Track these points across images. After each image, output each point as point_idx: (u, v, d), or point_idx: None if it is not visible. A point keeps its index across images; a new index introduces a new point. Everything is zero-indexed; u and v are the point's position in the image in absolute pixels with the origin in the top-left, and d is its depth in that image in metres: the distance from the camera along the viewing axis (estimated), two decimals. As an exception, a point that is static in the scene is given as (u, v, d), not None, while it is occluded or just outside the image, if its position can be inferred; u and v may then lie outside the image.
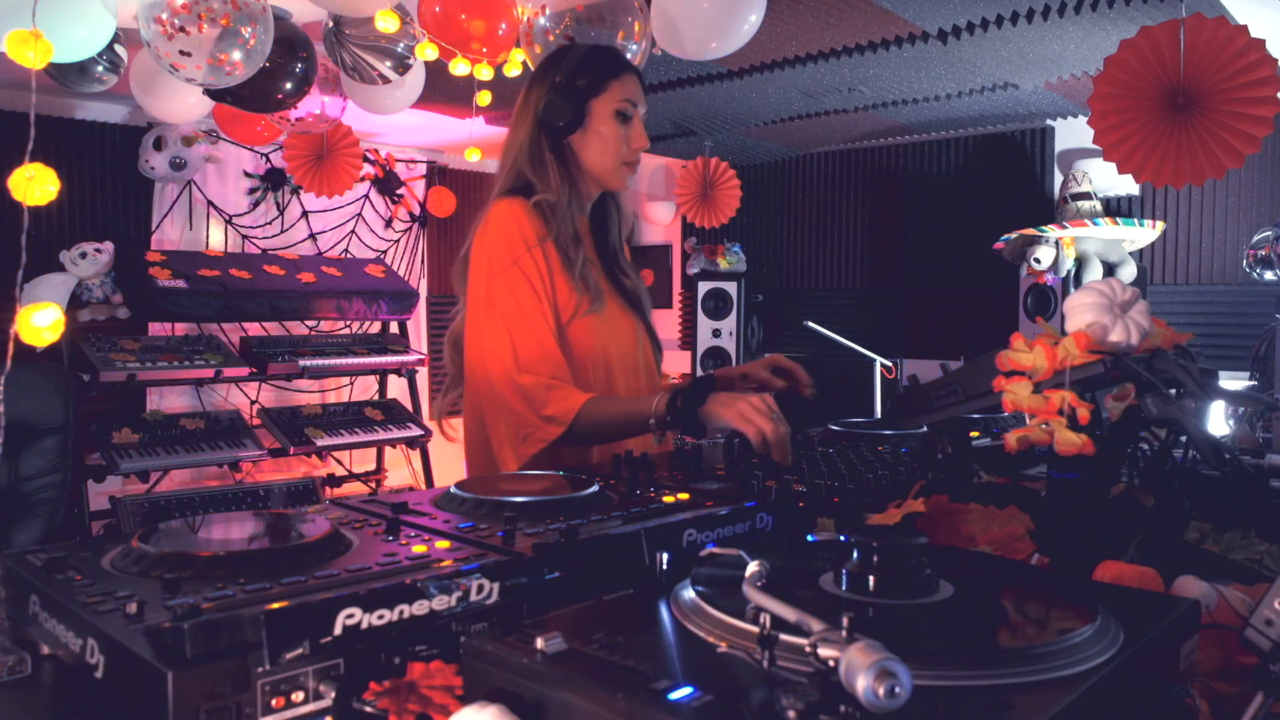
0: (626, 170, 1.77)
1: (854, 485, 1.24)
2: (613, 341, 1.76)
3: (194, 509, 3.96)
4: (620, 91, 1.73)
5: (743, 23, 2.69)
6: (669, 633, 0.69)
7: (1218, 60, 2.21)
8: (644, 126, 1.78)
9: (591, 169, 1.75)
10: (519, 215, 1.67)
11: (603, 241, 1.85)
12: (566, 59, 1.76)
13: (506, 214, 1.67)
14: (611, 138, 1.73)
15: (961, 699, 0.56)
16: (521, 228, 1.66)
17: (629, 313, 1.83)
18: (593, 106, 1.72)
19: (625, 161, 1.76)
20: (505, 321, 1.63)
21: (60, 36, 2.39)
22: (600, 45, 1.90)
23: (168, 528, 0.97)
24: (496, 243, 1.66)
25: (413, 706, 0.68)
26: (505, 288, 1.64)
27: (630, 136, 1.75)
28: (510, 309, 1.63)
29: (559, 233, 1.69)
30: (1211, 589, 0.85)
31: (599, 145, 1.73)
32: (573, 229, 1.72)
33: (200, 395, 4.73)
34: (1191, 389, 1.03)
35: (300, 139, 4.11)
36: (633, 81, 1.76)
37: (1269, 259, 3.46)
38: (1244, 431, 1.98)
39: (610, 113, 1.73)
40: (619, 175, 1.77)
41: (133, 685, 0.68)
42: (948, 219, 5.07)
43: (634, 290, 1.85)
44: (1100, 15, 2.98)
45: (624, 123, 1.74)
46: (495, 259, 1.65)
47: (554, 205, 1.70)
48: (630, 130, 1.75)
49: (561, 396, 1.58)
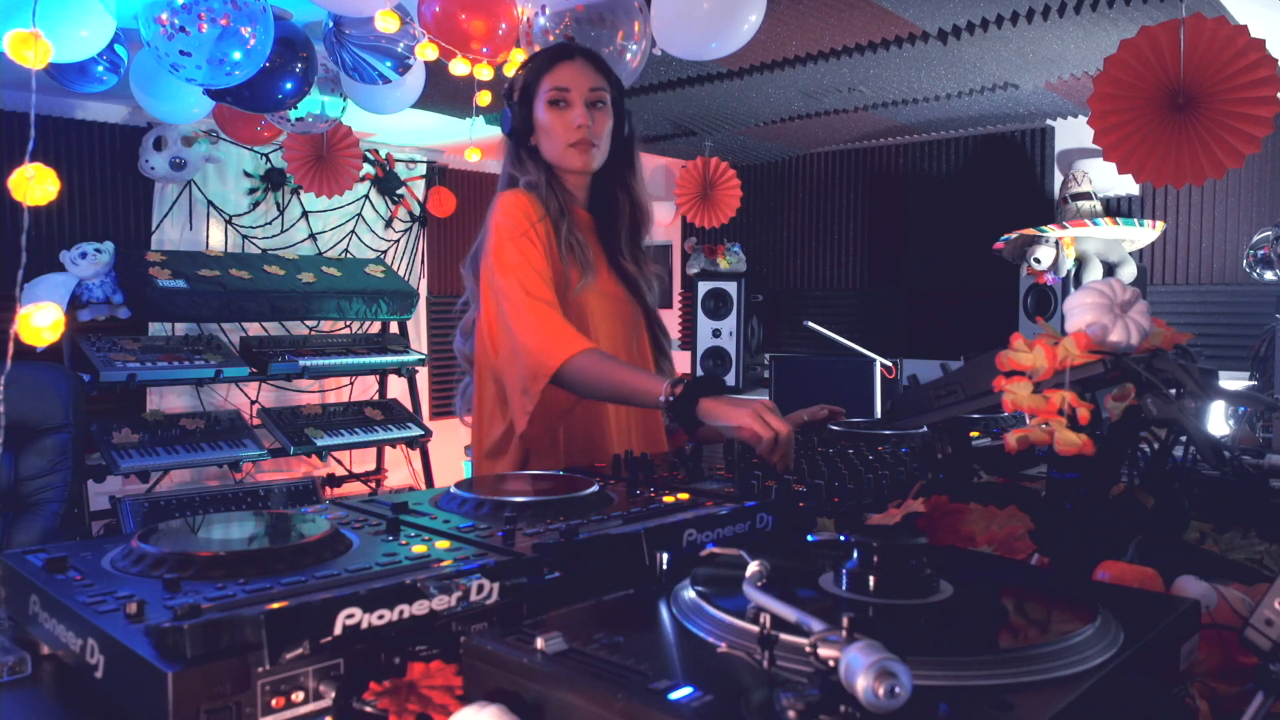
0: (575, 151, 1.82)
1: (854, 485, 1.24)
2: (604, 320, 1.83)
3: (194, 509, 3.96)
4: (549, 83, 1.82)
5: (743, 23, 2.69)
6: (669, 633, 0.69)
7: (1218, 60, 2.21)
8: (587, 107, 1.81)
9: (550, 159, 1.85)
10: (520, 198, 1.79)
11: (606, 230, 1.91)
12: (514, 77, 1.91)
13: (510, 199, 1.79)
14: (550, 126, 1.82)
15: (961, 699, 0.56)
16: (524, 208, 1.77)
17: (627, 296, 1.90)
18: (534, 106, 1.84)
19: (569, 143, 1.82)
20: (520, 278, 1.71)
21: (60, 36, 2.39)
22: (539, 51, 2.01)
23: (168, 528, 0.97)
24: (504, 222, 1.76)
25: (413, 706, 0.68)
26: (517, 254, 1.73)
27: (568, 118, 1.81)
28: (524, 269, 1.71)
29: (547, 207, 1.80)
30: (1211, 589, 0.85)
31: (545, 138, 1.84)
32: (558, 205, 1.82)
33: (200, 395, 4.73)
34: (1191, 389, 1.03)
35: (300, 139, 4.11)
36: (565, 69, 1.83)
37: (1269, 259, 3.46)
38: (1244, 431, 1.98)
39: (544, 105, 1.82)
40: (569, 157, 1.83)
41: (133, 685, 0.68)
42: (948, 219, 5.07)
43: (634, 276, 1.91)
44: (1100, 15, 2.98)
45: (561, 108, 1.82)
46: (505, 233, 1.75)
47: (535, 184, 1.82)
48: (567, 113, 1.81)
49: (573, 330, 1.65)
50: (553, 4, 2.74)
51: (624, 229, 1.92)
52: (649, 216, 1.95)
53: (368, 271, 5.04)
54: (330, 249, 5.37)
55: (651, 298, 1.95)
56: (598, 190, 1.92)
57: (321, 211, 5.29)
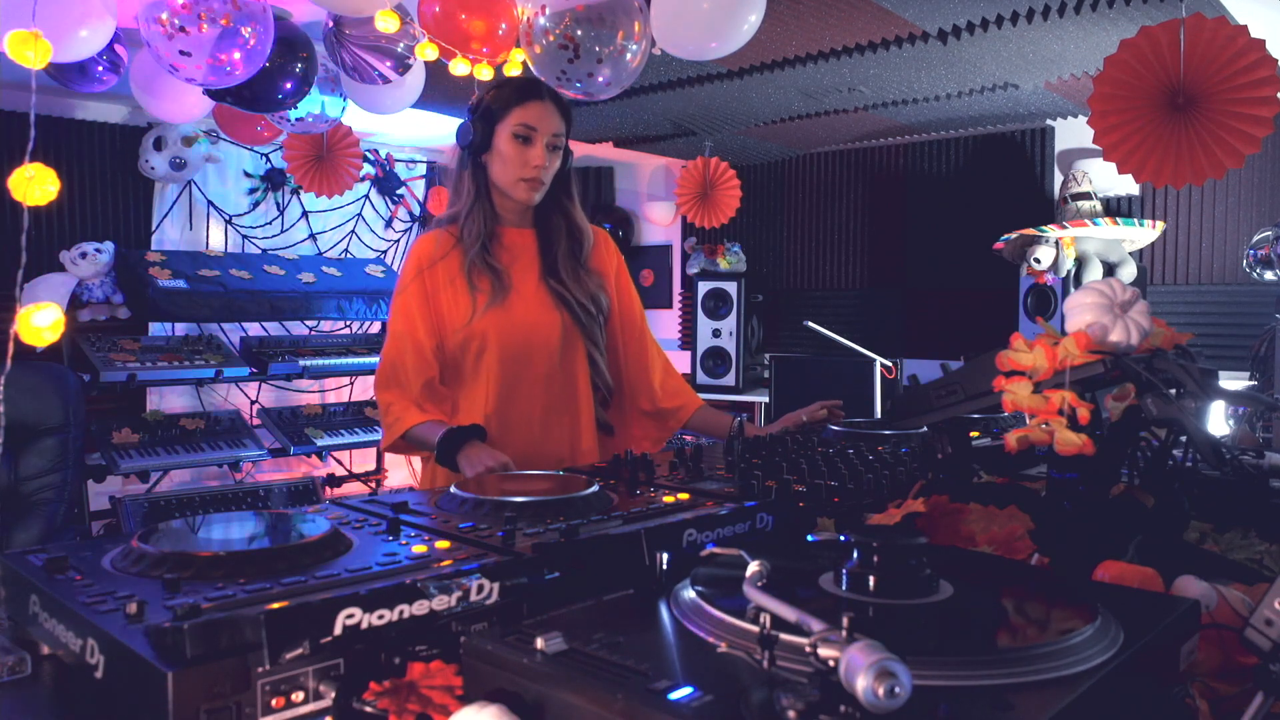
0: (525, 185, 1.96)
1: (854, 485, 1.24)
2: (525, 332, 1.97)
3: (194, 509, 3.96)
4: (519, 116, 1.94)
5: (743, 23, 2.69)
6: (669, 633, 0.69)
7: (1218, 60, 2.21)
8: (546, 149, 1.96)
9: (497, 182, 1.98)
10: (424, 244, 1.99)
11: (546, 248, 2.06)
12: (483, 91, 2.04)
13: (415, 247, 2.00)
14: (510, 156, 1.95)
15: (961, 699, 0.56)
16: (420, 255, 1.97)
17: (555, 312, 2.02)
18: (497, 130, 1.95)
19: (521, 178, 1.95)
20: (390, 336, 1.94)
21: (60, 36, 2.39)
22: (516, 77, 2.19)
23: (168, 528, 0.97)
24: (403, 271, 1.99)
25: (413, 706, 0.68)
26: (395, 311, 1.96)
27: (528, 156, 1.94)
28: (396, 324, 1.94)
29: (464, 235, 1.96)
30: (1211, 589, 0.85)
31: (500, 163, 1.96)
32: (480, 228, 1.97)
33: (200, 395, 4.73)
34: (1191, 389, 1.03)
35: (300, 139, 4.11)
36: (536, 108, 1.95)
37: (1269, 259, 3.46)
38: (1244, 431, 1.98)
39: (509, 135, 1.94)
40: (518, 189, 1.97)
41: (133, 685, 0.68)
42: (948, 219, 5.07)
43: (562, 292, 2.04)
44: (1100, 15, 2.98)
45: (523, 144, 1.94)
46: (399, 283, 1.98)
47: (458, 213, 1.99)
48: (528, 150, 1.94)
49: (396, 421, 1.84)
50: (553, 4, 2.73)
51: (561, 248, 2.05)
52: (587, 236, 2.09)
53: (368, 271, 5.04)
54: (330, 249, 5.37)
55: (587, 316, 2.04)
56: (540, 212, 2.06)
57: (321, 211, 5.29)
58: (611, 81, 2.81)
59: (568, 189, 2.07)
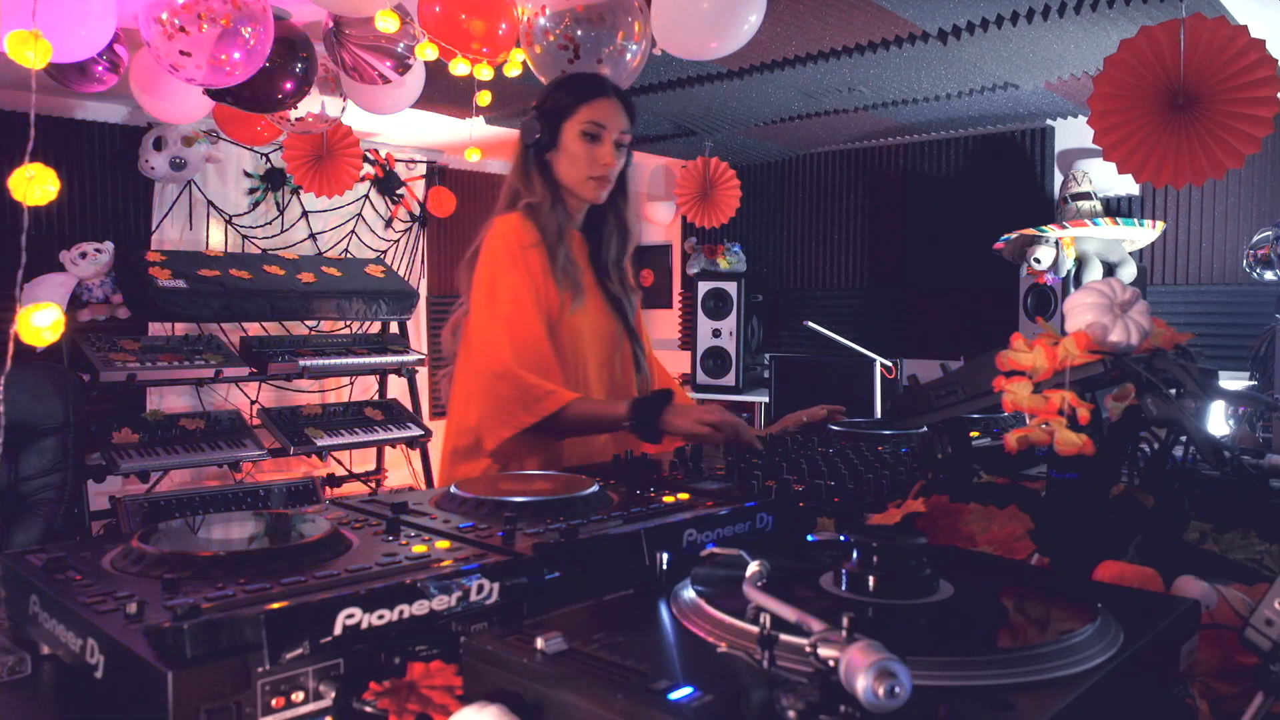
0: (594, 184, 1.93)
1: (854, 485, 1.24)
2: (593, 339, 1.94)
3: (194, 509, 3.96)
4: (588, 114, 1.90)
5: (743, 23, 2.69)
6: (669, 633, 0.69)
7: (1218, 60, 2.21)
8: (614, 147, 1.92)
9: (564, 182, 1.93)
10: (515, 225, 1.88)
11: (596, 250, 2.03)
12: (548, 87, 2.00)
13: (505, 225, 1.89)
14: (578, 154, 1.91)
15: (961, 699, 0.56)
16: (519, 235, 1.87)
17: (612, 316, 2.01)
18: (564, 127, 1.91)
19: (590, 176, 1.92)
20: (505, 317, 1.80)
21: (60, 36, 2.39)
22: (583, 74, 2.12)
23: (168, 528, 0.97)
24: (498, 248, 1.85)
25: (413, 706, 0.68)
26: (507, 285, 1.83)
27: (596, 154, 1.90)
28: (510, 305, 1.81)
29: (545, 232, 1.89)
30: (1211, 589, 0.85)
31: (567, 161, 1.92)
32: (557, 228, 1.91)
33: (200, 395, 4.73)
34: (1191, 389, 1.03)
35: (300, 139, 4.11)
36: (605, 105, 1.92)
37: (1269, 259, 3.46)
38: (1244, 431, 1.98)
39: (577, 132, 1.90)
40: (587, 188, 1.93)
41: (133, 685, 0.68)
42: (948, 219, 5.07)
43: (619, 296, 2.03)
44: (1100, 15, 2.98)
45: (591, 141, 1.90)
46: (499, 261, 1.85)
47: (537, 207, 1.90)
48: (597, 149, 1.90)
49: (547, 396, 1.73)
50: (553, 4, 2.73)
51: (611, 251, 2.04)
52: (635, 240, 2.08)
53: (368, 271, 5.03)
54: (330, 249, 5.37)
55: (633, 318, 2.06)
56: (591, 213, 2.02)
57: (321, 211, 5.29)
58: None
59: (624, 188, 2.03)
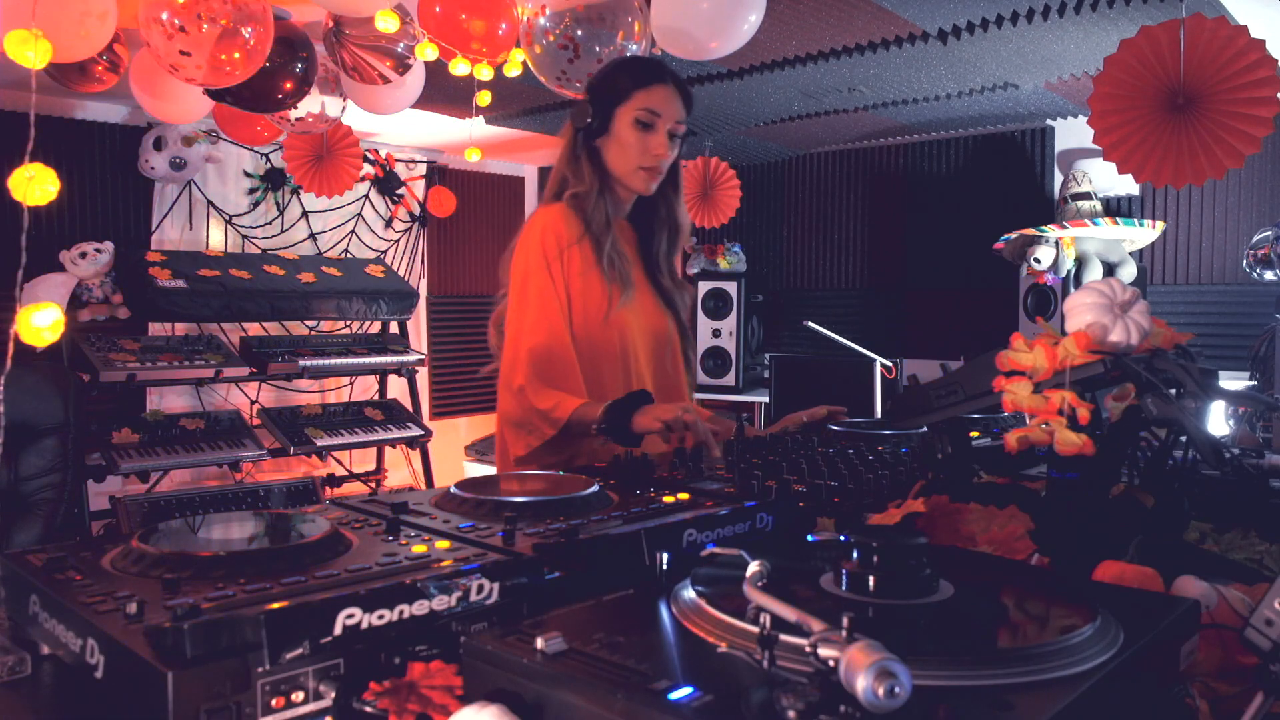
0: (645, 175, 1.85)
1: (854, 485, 1.24)
2: (641, 335, 1.87)
3: (194, 509, 3.96)
4: (643, 101, 1.81)
5: (743, 23, 2.69)
6: (669, 633, 0.69)
7: (1218, 60, 2.21)
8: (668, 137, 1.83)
9: (613, 170, 1.85)
10: (555, 220, 1.81)
11: (646, 243, 1.95)
12: (603, 70, 1.91)
13: (544, 220, 1.83)
14: (630, 143, 1.82)
15: (961, 699, 0.56)
16: (557, 232, 1.79)
17: (663, 311, 1.94)
18: (617, 113, 1.83)
19: (641, 166, 1.83)
20: (530, 324, 1.76)
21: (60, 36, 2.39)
22: (640, 58, 2.02)
23: (168, 528, 0.97)
24: (533, 247, 1.80)
25: (413, 706, 0.68)
26: (535, 287, 1.78)
27: (649, 144, 1.82)
28: (536, 311, 1.77)
29: (591, 223, 1.81)
30: (1211, 589, 0.85)
31: (618, 149, 1.83)
32: (604, 219, 1.83)
33: (200, 395, 4.73)
34: (1191, 389, 1.03)
35: (300, 139, 4.11)
36: (662, 92, 1.83)
37: (1269, 259, 3.46)
38: (1244, 431, 1.98)
39: (631, 120, 1.82)
40: (637, 178, 1.85)
41: (133, 685, 0.68)
42: (948, 219, 5.07)
43: (670, 290, 1.95)
44: (1100, 15, 2.98)
45: (644, 130, 1.82)
46: (531, 261, 1.79)
47: (583, 196, 1.83)
48: (650, 138, 1.82)
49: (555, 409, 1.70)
50: (553, 4, 2.73)
51: (662, 243, 1.96)
52: (686, 233, 1.99)
53: (368, 271, 5.03)
54: (330, 249, 5.37)
55: (685, 314, 1.99)
56: (640, 204, 1.94)
57: (321, 211, 5.29)
58: (611, 81, 2.81)
59: (675, 180, 1.95)
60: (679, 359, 1.98)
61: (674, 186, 1.95)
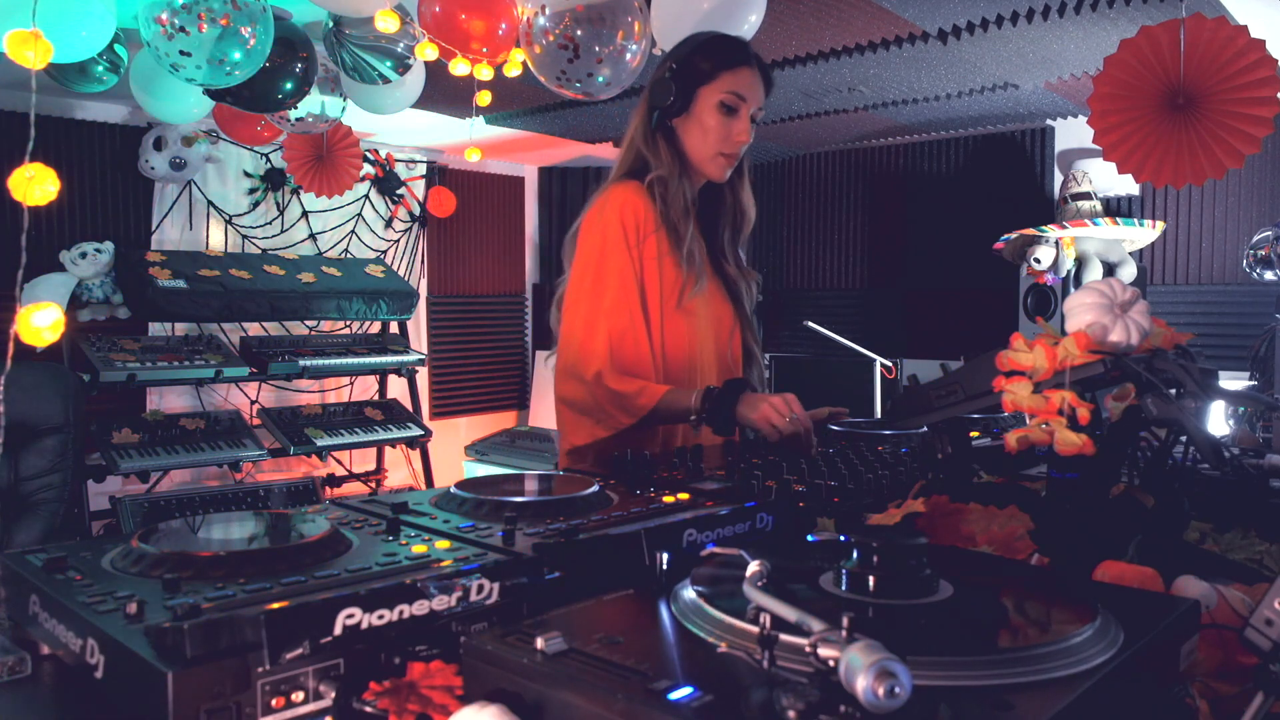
0: (723, 161, 1.78)
1: (854, 485, 1.24)
2: (709, 326, 1.82)
3: (194, 509, 3.96)
4: (729, 83, 1.74)
5: (743, 23, 2.69)
6: (669, 633, 0.69)
7: (1218, 60, 2.21)
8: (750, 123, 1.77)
9: (690, 154, 1.78)
10: (636, 202, 1.72)
11: (710, 230, 1.88)
12: (686, 44, 1.80)
13: (624, 199, 1.72)
14: (712, 127, 1.75)
15: (961, 699, 0.56)
16: (638, 215, 1.71)
17: (727, 301, 1.89)
18: (700, 94, 1.75)
19: (722, 152, 1.76)
20: (609, 306, 1.68)
21: (60, 36, 2.39)
22: (726, 36, 1.89)
23: (168, 528, 0.97)
24: (613, 224, 1.70)
25: (413, 706, 0.68)
26: (616, 271, 1.69)
27: (732, 129, 1.75)
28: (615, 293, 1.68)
29: (670, 208, 1.73)
30: (1211, 589, 0.85)
31: (699, 132, 1.75)
32: (684, 204, 1.75)
33: (200, 395, 4.73)
34: (1191, 389, 1.03)
35: (300, 139, 4.11)
36: (747, 75, 1.76)
37: (1269, 259, 3.46)
38: (1244, 431, 1.98)
39: (715, 102, 1.74)
40: (714, 164, 1.78)
41: (133, 685, 0.68)
42: (948, 219, 5.07)
43: (735, 280, 1.89)
44: (1100, 15, 2.98)
45: (728, 114, 1.75)
46: (610, 239, 1.70)
47: (665, 180, 1.74)
48: (733, 123, 1.75)
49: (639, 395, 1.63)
50: (553, 4, 2.73)
51: (727, 230, 1.90)
52: (750, 220, 1.92)
53: (368, 271, 5.03)
54: (330, 249, 5.37)
55: (749, 303, 1.93)
56: (705, 190, 1.88)
57: (321, 211, 5.29)
58: (611, 81, 2.81)
59: (741, 166, 1.87)
60: (740, 351, 1.93)
61: (740, 173, 1.88)
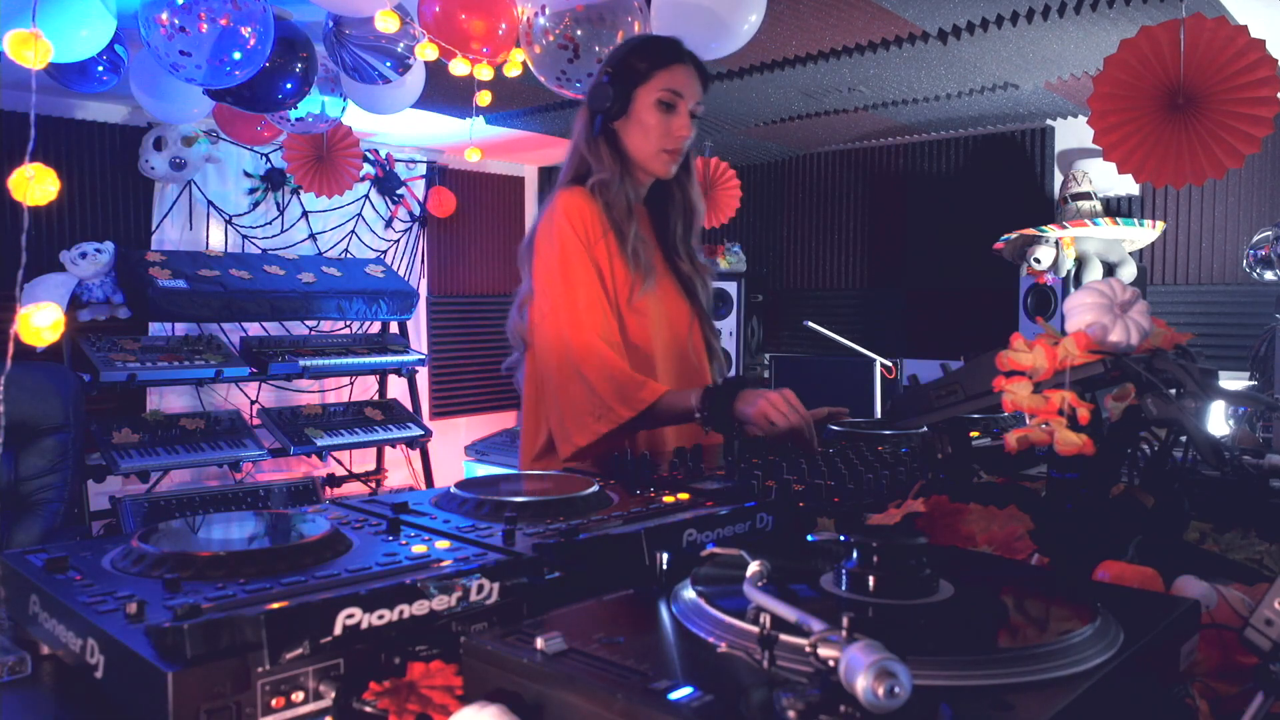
0: (667, 157, 1.81)
1: (854, 485, 1.24)
2: (664, 324, 1.83)
3: (194, 509, 3.96)
4: (665, 81, 1.78)
5: (743, 23, 2.69)
6: (669, 633, 0.69)
7: (1218, 60, 2.21)
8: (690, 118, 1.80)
9: (634, 154, 1.81)
10: (582, 206, 1.74)
11: (662, 228, 1.91)
12: (620, 48, 1.85)
13: (569, 204, 1.75)
14: (652, 125, 1.78)
15: (961, 699, 0.56)
16: (585, 219, 1.73)
17: (682, 297, 1.90)
18: (637, 94, 1.78)
19: (664, 149, 1.80)
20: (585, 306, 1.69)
21: (60, 36, 2.39)
22: (658, 36, 1.94)
23: (168, 528, 0.97)
24: (565, 229, 1.72)
25: (413, 706, 0.68)
26: (581, 273, 1.71)
27: (672, 126, 1.78)
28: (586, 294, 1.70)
29: (613, 209, 1.76)
30: (1211, 589, 0.85)
31: (640, 132, 1.79)
32: (626, 205, 1.78)
33: (200, 395, 4.73)
34: (1191, 389, 1.03)
35: (300, 139, 4.11)
36: (682, 72, 1.80)
37: (1269, 259, 3.46)
38: (1244, 431, 1.98)
39: (652, 101, 1.78)
40: (658, 161, 1.81)
41: (133, 685, 0.68)
42: (948, 219, 5.07)
43: (689, 276, 1.91)
44: (1100, 15, 2.98)
45: (666, 111, 1.78)
46: (568, 243, 1.72)
47: (607, 183, 1.77)
48: (673, 119, 1.78)
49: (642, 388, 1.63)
50: (553, 4, 2.73)
51: (678, 226, 1.92)
52: (701, 215, 1.96)
53: (368, 271, 5.04)
54: (330, 249, 5.37)
55: (704, 298, 1.94)
56: (654, 188, 1.90)
57: (321, 211, 5.29)
58: (611, 81, 2.81)
59: (687, 163, 1.90)
60: (702, 347, 1.93)
61: (686, 169, 1.90)
